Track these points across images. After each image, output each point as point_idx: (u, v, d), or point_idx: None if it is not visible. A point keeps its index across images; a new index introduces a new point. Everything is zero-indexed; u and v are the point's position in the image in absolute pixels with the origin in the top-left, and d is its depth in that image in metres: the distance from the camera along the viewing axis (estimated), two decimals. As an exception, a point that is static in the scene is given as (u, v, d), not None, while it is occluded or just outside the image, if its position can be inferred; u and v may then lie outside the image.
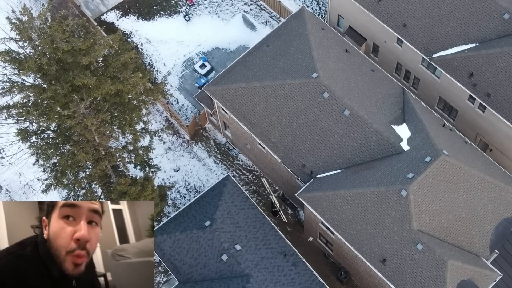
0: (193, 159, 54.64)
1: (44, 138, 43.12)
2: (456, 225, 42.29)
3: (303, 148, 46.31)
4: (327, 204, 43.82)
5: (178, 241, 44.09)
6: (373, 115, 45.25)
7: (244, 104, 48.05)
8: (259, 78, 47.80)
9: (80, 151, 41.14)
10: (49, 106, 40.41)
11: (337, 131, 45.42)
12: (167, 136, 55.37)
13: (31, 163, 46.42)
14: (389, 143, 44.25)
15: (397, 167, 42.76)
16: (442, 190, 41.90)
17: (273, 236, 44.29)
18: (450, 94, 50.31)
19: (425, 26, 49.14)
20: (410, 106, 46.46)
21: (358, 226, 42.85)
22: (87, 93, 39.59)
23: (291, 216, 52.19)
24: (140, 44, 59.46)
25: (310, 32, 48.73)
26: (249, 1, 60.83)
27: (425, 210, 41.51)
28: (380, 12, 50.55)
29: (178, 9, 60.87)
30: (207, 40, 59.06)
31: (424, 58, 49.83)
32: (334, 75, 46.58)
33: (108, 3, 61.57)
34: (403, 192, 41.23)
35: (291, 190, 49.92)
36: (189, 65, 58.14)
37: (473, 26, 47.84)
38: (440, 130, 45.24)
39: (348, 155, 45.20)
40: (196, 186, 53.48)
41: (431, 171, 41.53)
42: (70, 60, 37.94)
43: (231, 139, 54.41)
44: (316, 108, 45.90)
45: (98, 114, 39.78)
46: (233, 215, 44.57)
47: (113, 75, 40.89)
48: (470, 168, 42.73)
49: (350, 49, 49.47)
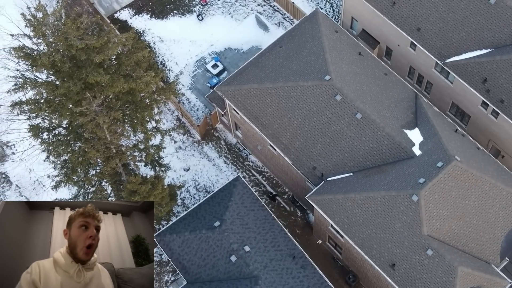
0: (204, 159, 54.59)
1: (56, 134, 43.17)
2: (467, 231, 42.05)
3: (314, 150, 46.17)
4: (337, 207, 43.65)
5: (187, 241, 44.04)
6: (385, 119, 45.05)
7: (256, 105, 47.95)
8: (271, 79, 47.68)
9: (91, 149, 41.15)
10: (61, 103, 40.44)
11: (348, 134, 45.25)
12: (178, 135, 55.37)
13: (42, 159, 46.52)
14: (401, 148, 44.04)
15: (409, 172, 42.55)
16: (453, 196, 41.66)
17: (282, 238, 44.17)
18: (463, 99, 50.05)
19: (439, 30, 48.90)
20: (423, 111, 46.23)
21: (368, 230, 42.67)
22: (99, 90, 39.59)
23: (300, 218, 52.06)
24: (153, 43, 59.47)
25: (324, 34, 48.57)
26: (262, 2, 60.75)
27: (436, 215, 41.29)
28: (394, 16, 50.34)
29: (191, 9, 60.86)
30: (219, 40, 59.01)
31: (437, 63, 49.59)
32: (347, 78, 46.41)
33: (121, 1, 61.64)
34: (414, 197, 41.02)
35: (301, 192, 49.78)
36: (201, 65, 58.10)
37: (487, 32, 47.56)
38: (452, 136, 44.99)
39: (359, 159, 45.02)
40: (206, 186, 53.43)
41: (443, 177, 41.30)
42: (84, 58, 37.94)
43: (241, 140, 54.33)
44: (328, 111, 45.75)
45: (110, 112, 39.76)
46: (242, 216, 44.49)
47: (126, 73, 40.89)
48: (482, 174, 42.48)
49: (363, 52, 49.29)
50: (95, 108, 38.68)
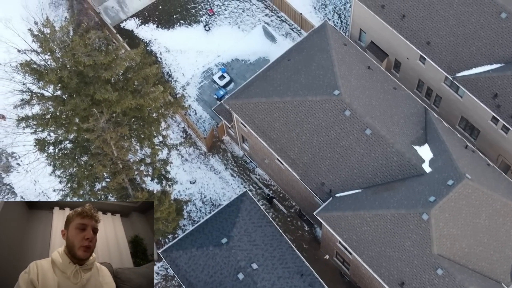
0: (210, 171, 54.10)
1: (62, 148, 42.72)
2: (477, 250, 41.54)
3: (322, 166, 45.68)
4: (345, 224, 43.17)
5: (194, 257, 43.58)
6: (395, 135, 44.55)
7: (264, 119, 47.49)
8: (279, 93, 47.21)
9: (98, 164, 40.70)
10: (68, 119, 39.99)
11: (358, 150, 44.76)
12: (184, 147, 54.85)
13: (47, 172, 46.07)
14: (410, 164, 43.54)
15: (419, 190, 42.04)
16: (464, 214, 41.16)
17: (290, 255, 43.67)
18: (473, 114, 49.54)
19: (449, 44, 48.40)
20: (433, 126, 45.71)
21: (377, 248, 42.17)
22: (107, 106, 39.13)
23: (308, 232, 51.57)
24: (159, 53, 58.99)
25: (333, 47, 48.09)
26: (270, 13, 60.23)
27: (446, 234, 40.78)
28: (404, 29, 49.85)
29: (198, 19, 60.36)
30: (226, 51, 58.51)
31: (447, 77, 49.10)
32: (356, 93, 45.93)
33: (128, 11, 61.19)
34: (424, 216, 40.52)
35: (309, 207, 49.30)
36: (208, 76, 57.61)
37: (498, 46, 47.06)
38: (462, 152, 44.48)
39: (368, 175, 44.52)
40: (212, 199, 52.96)
41: (454, 195, 40.80)
42: (91, 74, 37.47)
43: (248, 153, 53.85)
44: (337, 126, 45.27)
45: (118, 128, 39.29)
46: (250, 232, 44.01)
47: (134, 88, 40.41)
48: (493, 192, 41.97)
49: (372, 66, 48.79)
50: (103, 125, 38.22)
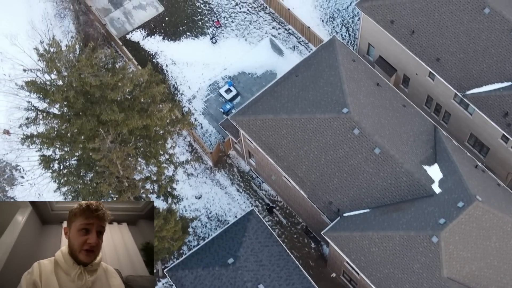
0: (216, 186, 53.56)
1: (67, 166, 42.26)
2: (488, 273, 40.93)
3: (330, 184, 45.11)
4: (353, 245, 42.60)
5: (199, 277, 43.03)
6: (404, 155, 43.96)
7: (271, 136, 46.93)
8: (287, 110, 46.65)
9: (103, 183, 40.26)
10: (73, 137, 39.52)
11: (366, 169, 44.18)
12: (191, 165, 54.17)
13: (52, 188, 45.62)
14: (420, 185, 42.95)
15: (428, 211, 41.46)
16: (474, 237, 40.57)
17: (297, 276, 43.11)
18: (482, 132, 48.94)
19: (459, 61, 47.79)
20: (442, 145, 45.12)
21: (386, 269, 41.60)
22: (113, 126, 38.62)
23: (314, 250, 51.01)
24: (165, 66, 58.45)
25: (341, 63, 47.50)
26: (277, 25, 59.63)
27: (456, 257, 40.19)
28: (413, 45, 49.25)
29: (204, 31, 59.78)
30: (233, 64, 57.91)
31: (456, 94, 48.50)
32: (365, 111, 45.35)
33: (134, 22, 60.67)
34: (434, 239, 39.94)
35: (316, 225, 48.75)
36: (214, 89, 57.03)
37: (509, 64, 46.45)
38: (472, 172, 43.87)
39: (377, 195, 43.94)
40: (218, 215, 52.41)
41: (464, 218, 40.21)
42: (98, 95, 36.95)
43: (255, 168, 53.29)
44: (345, 145, 44.69)
45: (124, 148, 38.80)
46: (257, 252, 43.45)
47: (140, 107, 39.89)
48: (503, 214, 41.36)
49: (381, 82, 48.19)
50: (109, 145, 37.73)
